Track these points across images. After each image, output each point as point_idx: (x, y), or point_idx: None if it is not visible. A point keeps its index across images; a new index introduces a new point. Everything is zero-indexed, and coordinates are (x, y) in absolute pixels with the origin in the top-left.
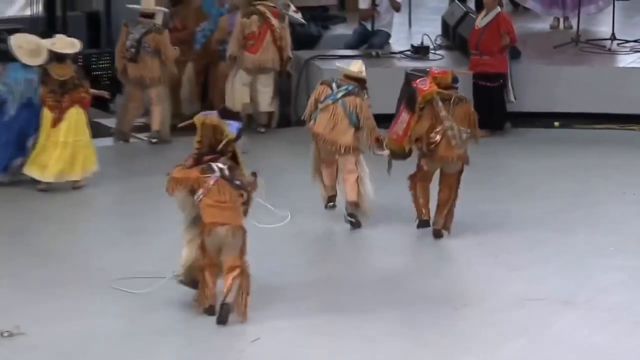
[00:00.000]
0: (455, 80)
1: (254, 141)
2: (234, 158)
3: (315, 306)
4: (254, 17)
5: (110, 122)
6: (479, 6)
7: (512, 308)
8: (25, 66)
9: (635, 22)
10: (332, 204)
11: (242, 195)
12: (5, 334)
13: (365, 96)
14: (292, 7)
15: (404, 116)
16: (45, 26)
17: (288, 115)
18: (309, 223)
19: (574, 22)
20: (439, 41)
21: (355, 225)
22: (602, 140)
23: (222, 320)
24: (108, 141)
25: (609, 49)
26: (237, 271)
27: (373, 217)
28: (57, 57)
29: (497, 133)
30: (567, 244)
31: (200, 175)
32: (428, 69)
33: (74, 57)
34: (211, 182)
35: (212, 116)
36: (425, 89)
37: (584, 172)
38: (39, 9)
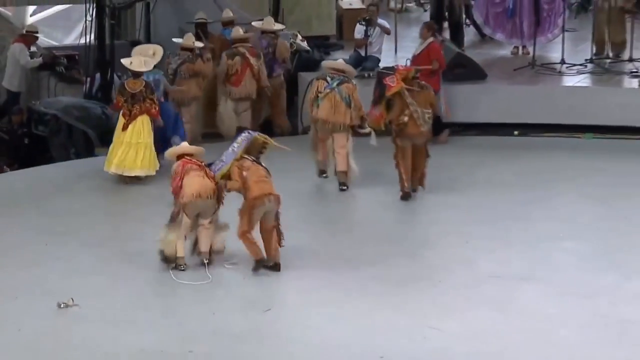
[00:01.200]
0: (417, 72)
1: None
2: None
3: (316, 279)
4: (237, 58)
5: None
6: (454, 37)
7: (481, 284)
8: (151, 70)
9: (580, 49)
10: (325, 175)
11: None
12: (62, 306)
13: (354, 83)
14: (299, 37)
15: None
16: (97, 53)
17: (296, 125)
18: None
19: (530, 50)
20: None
21: (344, 188)
22: (554, 145)
23: (277, 269)
24: None
25: (559, 71)
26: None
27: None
28: (133, 73)
29: (434, 139)
30: (526, 231)
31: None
32: (395, 67)
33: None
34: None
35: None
36: (393, 85)
37: (539, 172)
38: (91, 38)
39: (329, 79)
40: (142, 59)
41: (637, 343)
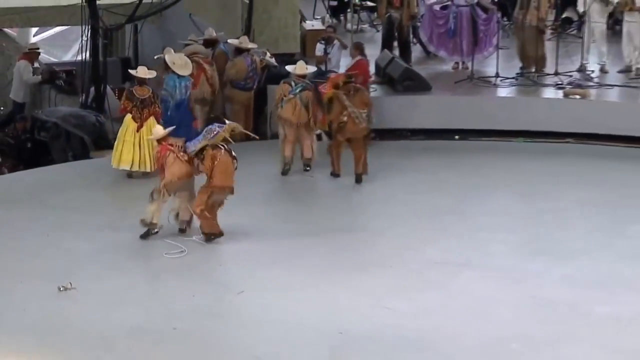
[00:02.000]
0: (349, 77)
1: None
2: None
3: (282, 265)
4: (193, 64)
5: None
6: (403, 54)
7: (426, 269)
8: (180, 75)
9: (512, 64)
10: (288, 168)
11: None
12: (62, 289)
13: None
14: (268, 54)
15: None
16: (91, 69)
17: (265, 131)
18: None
19: (469, 65)
20: (373, 78)
21: (308, 168)
22: (489, 148)
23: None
24: None
25: (494, 84)
26: None
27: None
28: (138, 81)
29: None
30: (465, 224)
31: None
32: (328, 76)
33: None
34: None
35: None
36: (325, 92)
37: (476, 171)
38: (86, 55)
39: (293, 84)
40: (146, 69)
41: (561, 320)
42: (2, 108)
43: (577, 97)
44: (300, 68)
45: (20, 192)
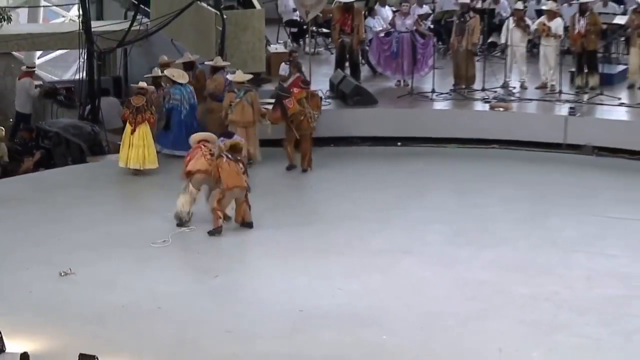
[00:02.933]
0: (306, 83)
1: None
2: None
3: (250, 253)
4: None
5: None
6: (353, 73)
7: (373, 255)
8: (182, 84)
9: (446, 82)
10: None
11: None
12: (63, 274)
13: (256, 90)
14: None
15: (278, 111)
16: (87, 86)
17: None
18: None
19: (409, 82)
20: (328, 93)
21: (251, 161)
22: (427, 153)
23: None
24: None
25: (431, 98)
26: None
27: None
28: (135, 92)
29: None
30: (405, 217)
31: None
32: (291, 91)
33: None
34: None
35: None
36: (291, 107)
37: (415, 172)
38: (83, 74)
39: (236, 90)
40: (141, 83)
41: (486, 298)
42: (11, 120)
43: (501, 109)
44: (239, 76)
45: (27, 191)
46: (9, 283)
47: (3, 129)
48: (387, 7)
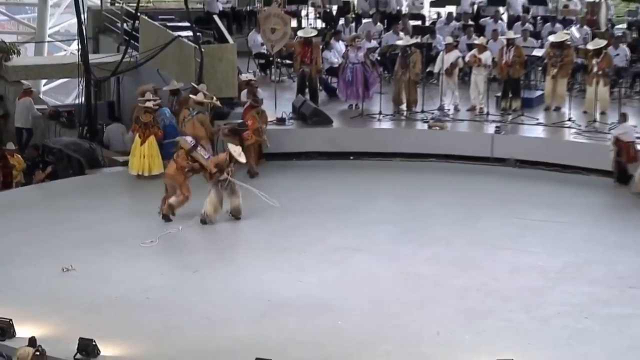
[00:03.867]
0: (257, 102)
1: None
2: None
3: (222, 251)
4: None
5: None
6: (312, 98)
7: (329, 252)
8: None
9: (392, 105)
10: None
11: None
12: (65, 269)
13: (207, 112)
14: (215, 98)
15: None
16: (85, 109)
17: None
18: None
19: (360, 105)
20: (290, 115)
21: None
22: (375, 166)
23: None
24: None
25: (379, 119)
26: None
27: None
28: (143, 111)
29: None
30: (358, 219)
31: None
32: (245, 123)
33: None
34: None
35: None
36: (249, 139)
37: (364, 181)
38: (82, 99)
39: (191, 109)
40: (150, 103)
41: (426, 289)
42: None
43: (437, 128)
44: (199, 97)
45: (34, 199)
46: (18, 277)
47: (23, 161)
48: (340, 41)
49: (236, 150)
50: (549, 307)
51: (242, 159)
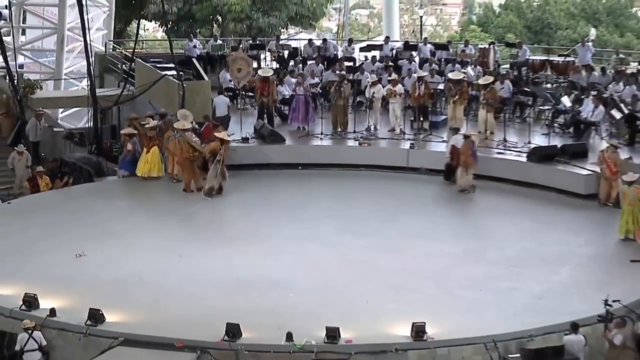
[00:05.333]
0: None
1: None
2: None
3: (198, 240)
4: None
5: None
6: (269, 121)
7: (283, 241)
8: None
9: (330, 127)
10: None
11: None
12: (77, 256)
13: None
14: (194, 122)
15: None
16: (93, 131)
17: None
18: None
19: (306, 127)
20: (252, 135)
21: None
22: (318, 174)
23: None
24: None
25: (320, 138)
26: None
27: None
28: (150, 128)
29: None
30: (303, 215)
31: None
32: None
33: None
34: None
35: None
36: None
37: (311, 186)
38: (90, 124)
39: (175, 132)
40: (154, 122)
41: (363, 271)
42: (42, 154)
43: (366, 145)
44: (180, 124)
45: (54, 201)
46: (41, 262)
47: (49, 182)
48: (292, 78)
49: (224, 134)
50: (455, 282)
51: (230, 138)
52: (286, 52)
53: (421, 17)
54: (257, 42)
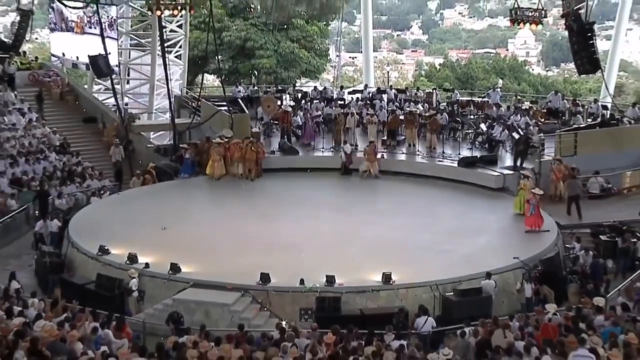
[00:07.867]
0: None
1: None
2: None
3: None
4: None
5: None
6: (288, 140)
7: (296, 219)
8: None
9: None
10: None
11: None
12: (163, 229)
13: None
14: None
15: None
16: (173, 148)
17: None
18: None
19: (313, 144)
20: (277, 149)
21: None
22: (323, 175)
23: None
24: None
25: (322, 150)
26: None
27: None
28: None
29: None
30: (313, 202)
31: None
32: None
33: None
34: None
35: None
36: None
37: (316, 183)
38: (172, 142)
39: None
40: (218, 139)
41: (348, 238)
42: (140, 161)
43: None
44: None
45: (147, 194)
46: (139, 233)
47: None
48: (302, 112)
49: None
50: (411, 245)
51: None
52: (299, 94)
53: (388, 72)
54: (280, 88)
